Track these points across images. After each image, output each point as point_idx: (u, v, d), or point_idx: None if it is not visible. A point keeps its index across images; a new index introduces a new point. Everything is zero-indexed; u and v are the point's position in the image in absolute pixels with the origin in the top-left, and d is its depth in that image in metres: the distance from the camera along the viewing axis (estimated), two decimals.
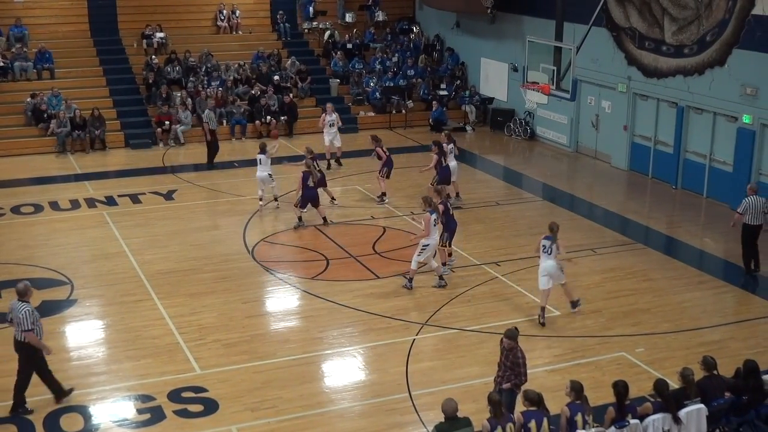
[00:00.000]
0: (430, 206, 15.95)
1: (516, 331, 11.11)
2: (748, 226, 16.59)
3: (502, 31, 29.12)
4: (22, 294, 11.71)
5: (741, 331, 14.50)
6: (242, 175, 23.48)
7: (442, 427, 9.54)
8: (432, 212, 15.80)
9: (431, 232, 15.72)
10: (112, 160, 25.44)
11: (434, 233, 15.87)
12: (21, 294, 11.71)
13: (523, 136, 28.16)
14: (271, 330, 14.68)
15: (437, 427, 9.58)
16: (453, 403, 9.61)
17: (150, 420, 11.73)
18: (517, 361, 10.94)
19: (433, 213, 15.80)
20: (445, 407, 9.58)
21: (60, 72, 28.28)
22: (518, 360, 10.94)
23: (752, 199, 16.49)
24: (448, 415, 9.55)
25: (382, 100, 29.71)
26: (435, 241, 15.91)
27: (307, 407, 12.02)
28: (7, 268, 16.95)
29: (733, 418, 11.00)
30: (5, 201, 21.13)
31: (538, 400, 9.84)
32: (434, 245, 15.91)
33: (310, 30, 32.78)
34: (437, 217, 15.89)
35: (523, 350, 11.06)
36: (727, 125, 21.23)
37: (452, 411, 9.56)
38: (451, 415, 9.55)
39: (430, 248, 15.82)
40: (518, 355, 10.95)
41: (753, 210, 16.47)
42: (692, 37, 21.83)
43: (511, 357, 10.97)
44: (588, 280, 16.67)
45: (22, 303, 11.63)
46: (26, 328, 11.50)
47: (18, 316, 11.52)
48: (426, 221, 15.74)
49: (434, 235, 15.89)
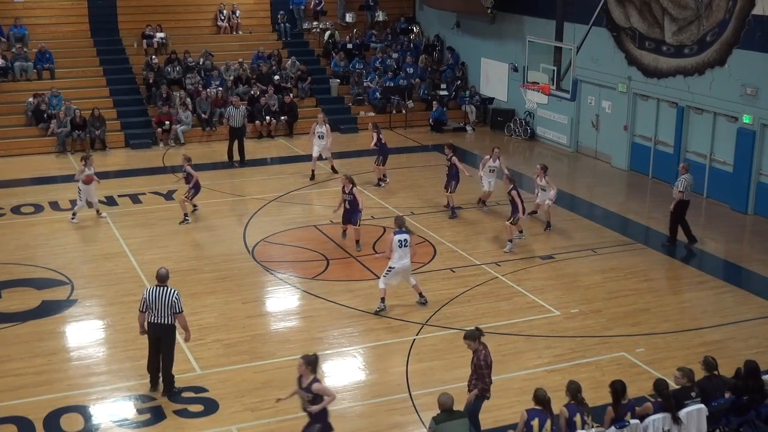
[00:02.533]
0: (400, 227, 14.65)
1: (477, 332, 10.74)
2: (684, 202, 18.05)
3: (503, 31, 29.13)
4: (164, 279, 12.10)
5: (741, 331, 14.50)
6: (242, 175, 23.49)
7: (439, 418, 9.75)
8: (398, 233, 14.50)
9: (394, 255, 14.48)
10: (112, 160, 25.44)
11: (401, 257, 14.52)
12: (162, 279, 12.10)
13: (524, 136, 28.17)
14: (271, 330, 14.68)
15: (434, 418, 9.79)
16: (449, 397, 9.83)
17: (150, 420, 11.74)
18: (479, 363, 10.60)
19: (398, 234, 14.48)
20: (441, 400, 9.81)
21: (60, 72, 28.29)
22: (480, 362, 10.59)
23: (688, 176, 18.02)
24: (445, 408, 9.76)
25: (382, 100, 29.71)
26: (400, 265, 14.55)
27: None
28: (7, 268, 16.96)
29: (733, 418, 11.00)
30: (5, 201, 21.14)
31: (544, 400, 9.87)
32: (400, 269, 14.60)
33: (310, 30, 32.79)
34: (405, 240, 14.48)
35: (488, 352, 10.71)
36: (727, 125, 21.23)
37: (449, 404, 9.76)
38: (447, 407, 9.76)
39: (395, 272, 14.62)
40: (480, 357, 10.60)
41: (690, 187, 18.19)
42: (692, 37, 21.83)
43: (474, 359, 10.68)
44: (588, 280, 16.67)
45: (166, 287, 12.01)
46: (179, 310, 11.99)
47: (172, 300, 11.89)
48: (387, 243, 14.69)
49: (402, 260, 14.54)
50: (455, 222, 19.69)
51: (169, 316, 11.96)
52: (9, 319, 14.72)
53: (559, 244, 18.10)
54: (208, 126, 27.44)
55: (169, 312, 11.94)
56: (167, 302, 11.91)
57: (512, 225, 17.85)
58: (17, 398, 12.18)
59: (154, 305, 11.94)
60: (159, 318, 11.98)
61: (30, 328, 14.38)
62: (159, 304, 11.92)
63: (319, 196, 21.79)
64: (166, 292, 11.96)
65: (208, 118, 27.44)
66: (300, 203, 21.28)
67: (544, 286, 16.33)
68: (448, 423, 9.70)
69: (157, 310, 11.95)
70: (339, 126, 28.86)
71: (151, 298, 11.96)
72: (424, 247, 18.00)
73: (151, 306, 11.96)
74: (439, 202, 21.14)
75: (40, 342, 13.88)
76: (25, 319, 14.70)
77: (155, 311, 11.96)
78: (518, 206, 17.63)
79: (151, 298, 11.95)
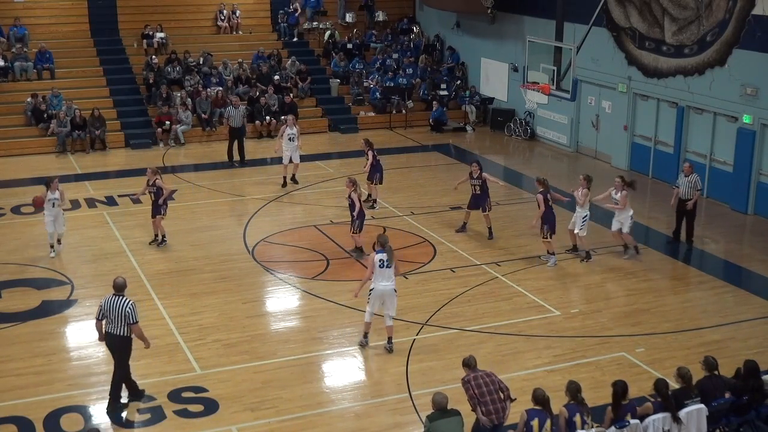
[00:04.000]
0: (382, 246, 13.24)
1: (470, 359, 10.48)
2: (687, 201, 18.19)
3: (503, 31, 29.12)
4: (120, 288, 11.77)
5: (741, 331, 14.50)
6: (242, 174, 23.49)
7: (433, 416, 9.81)
8: (380, 252, 13.17)
9: (374, 276, 13.15)
10: (112, 160, 25.45)
11: (380, 278, 13.16)
12: (119, 288, 11.77)
13: (524, 136, 28.17)
14: (271, 330, 14.68)
15: (429, 416, 9.85)
16: (444, 396, 9.90)
17: (150, 420, 11.73)
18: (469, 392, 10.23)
19: (380, 253, 13.15)
20: (436, 399, 9.88)
21: (60, 72, 28.30)
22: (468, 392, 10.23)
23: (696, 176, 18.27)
24: (440, 407, 9.82)
25: (382, 100, 29.71)
26: (382, 286, 13.18)
27: (307, 407, 12.03)
28: (7, 268, 16.96)
29: (733, 418, 11.01)
30: (5, 201, 21.14)
31: (543, 400, 9.88)
32: (381, 291, 13.21)
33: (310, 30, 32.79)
34: (386, 260, 13.13)
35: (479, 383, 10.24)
36: (727, 125, 21.23)
37: (443, 403, 9.83)
38: (441, 407, 9.82)
39: (374, 295, 13.27)
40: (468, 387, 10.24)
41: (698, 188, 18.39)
42: (692, 37, 21.83)
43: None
44: (588, 280, 16.68)
45: (122, 297, 11.69)
46: (133, 321, 11.64)
47: (126, 310, 11.56)
48: (369, 262, 13.32)
49: (381, 281, 13.16)
50: (455, 222, 19.64)
51: (123, 326, 11.62)
52: (9, 319, 14.72)
53: (559, 244, 18.08)
54: (208, 126, 27.44)
55: (123, 323, 11.60)
56: (122, 312, 11.56)
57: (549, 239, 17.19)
58: (17, 398, 12.18)
59: (110, 315, 11.63)
60: (114, 328, 11.66)
61: (30, 328, 14.38)
62: (114, 314, 11.60)
63: (320, 196, 21.78)
64: (121, 302, 11.61)
65: (208, 118, 27.44)
66: (300, 203, 21.28)
67: (544, 286, 16.33)
68: (441, 421, 9.75)
69: (113, 321, 11.63)
70: (339, 126, 28.89)
71: (107, 307, 11.66)
72: (424, 247, 18.01)
73: (108, 315, 11.65)
74: (439, 202, 21.14)
75: (40, 342, 13.89)
76: (25, 319, 14.70)
77: (111, 321, 11.65)
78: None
79: (107, 308, 11.65)
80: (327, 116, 29.36)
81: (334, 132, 28.85)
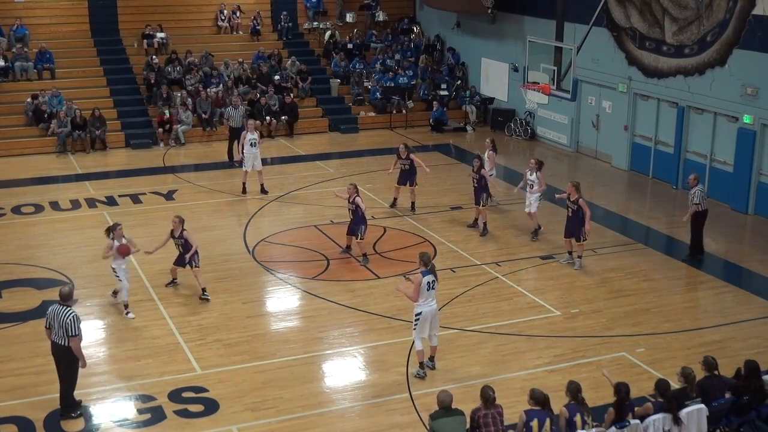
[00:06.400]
0: (426, 266, 12.53)
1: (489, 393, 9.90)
2: (701, 213, 17.55)
3: (503, 31, 29.12)
4: (65, 297, 11.55)
5: (741, 331, 14.50)
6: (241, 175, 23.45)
7: (436, 415, 9.82)
8: (426, 273, 12.43)
9: (421, 298, 12.45)
10: (112, 160, 25.45)
11: (427, 300, 12.50)
12: (64, 297, 11.55)
13: (524, 136, 28.17)
14: (271, 330, 14.68)
15: (432, 415, 9.87)
16: (448, 395, 9.90)
17: (150, 420, 11.73)
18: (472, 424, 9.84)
19: (427, 275, 12.43)
20: (440, 397, 9.88)
21: (60, 72, 28.29)
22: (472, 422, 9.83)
23: (701, 187, 17.68)
24: (444, 406, 9.83)
25: (382, 100, 29.71)
26: (429, 308, 12.56)
27: (307, 407, 12.03)
28: (7, 268, 16.96)
29: (733, 418, 11.01)
30: (6, 201, 21.14)
31: (543, 400, 9.88)
32: (429, 313, 12.57)
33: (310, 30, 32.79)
34: (433, 281, 12.55)
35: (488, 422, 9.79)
36: (727, 125, 21.23)
37: (447, 402, 9.83)
38: (445, 405, 9.82)
39: (423, 318, 12.54)
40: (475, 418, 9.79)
41: (704, 196, 17.72)
42: (693, 37, 21.83)
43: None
44: (588, 280, 16.67)
45: (66, 307, 11.49)
46: (73, 333, 11.39)
47: (66, 321, 11.33)
48: (416, 283, 12.43)
49: (428, 302, 12.51)
50: (455, 222, 19.67)
51: (64, 337, 11.39)
52: (9, 319, 14.73)
53: (559, 244, 18.07)
54: (208, 126, 27.44)
55: (64, 333, 11.37)
56: (63, 323, 11.33)
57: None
58: (17, 398, 12.19)
59: (54, 324, 11.45)
60: (57, 338, 11.47)
61: (30, 328, 14.36)
62: (56, 323, 11.40)
63: (320, 196, 21.78)
64: (64, 312, 11.38)
65: (209, 118, 27.44)
66: (300, 203, 21.28)
67: (544, 286, 16.33)
68: (444, 419, 9.76)
69: (56, 330, 11.44)
70: (339, 126, 28.89)
71: (51, 315, 11.47)
72: (425, 248, 18.00)
73: (52, 324, 11.47)
74: (439, 202, 21.15)
75: (41, 342, 13.79)
76: (25, 319, 14.70)
77: (54, 330, 11.46)
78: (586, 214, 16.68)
79: (52, 316, 11.46)
80: (327, 116, 29.37)
81: (334, 132, 28.85)
